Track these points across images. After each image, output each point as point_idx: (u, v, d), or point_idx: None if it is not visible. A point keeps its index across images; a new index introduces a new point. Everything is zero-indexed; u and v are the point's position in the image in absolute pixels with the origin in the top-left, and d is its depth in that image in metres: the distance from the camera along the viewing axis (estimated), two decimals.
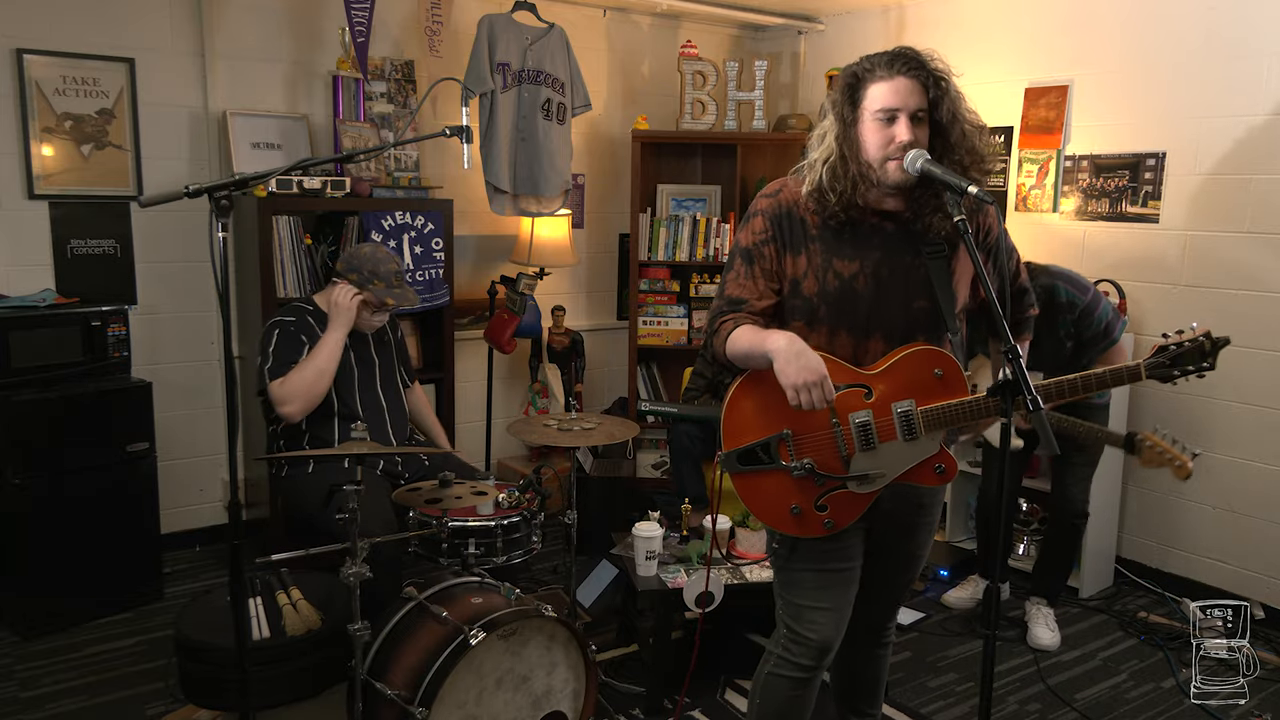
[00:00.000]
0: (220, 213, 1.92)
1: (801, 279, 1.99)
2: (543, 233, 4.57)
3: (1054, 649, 3.40)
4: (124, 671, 3.12)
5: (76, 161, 3.71)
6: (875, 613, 2.26)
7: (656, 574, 3.00)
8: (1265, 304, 3.54)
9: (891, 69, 1.88)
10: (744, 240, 2.05)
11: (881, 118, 1.88)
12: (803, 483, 1.99)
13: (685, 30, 5.19)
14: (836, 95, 1.94)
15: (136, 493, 3.51)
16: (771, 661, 2.15)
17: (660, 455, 4.75)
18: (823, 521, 2.01)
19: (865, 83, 1.90)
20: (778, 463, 1.99)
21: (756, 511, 2.06)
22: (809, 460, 1.97)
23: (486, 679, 2.38)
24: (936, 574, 3.93)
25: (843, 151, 1.90)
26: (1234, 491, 3.68)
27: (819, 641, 2.08)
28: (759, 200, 2.06)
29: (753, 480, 2.02)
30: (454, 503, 2.57)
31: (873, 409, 1.96)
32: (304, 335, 3.01)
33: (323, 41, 4.15)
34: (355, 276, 3.05)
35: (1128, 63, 3.88)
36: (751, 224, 2.04)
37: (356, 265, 3.06)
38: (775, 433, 1.99)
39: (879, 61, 1.90)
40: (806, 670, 2.10)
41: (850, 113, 1.92)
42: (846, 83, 1.93)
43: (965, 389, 1.96)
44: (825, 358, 1.90)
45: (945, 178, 1.82)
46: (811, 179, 1.96)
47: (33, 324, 3.34)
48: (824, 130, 1.96)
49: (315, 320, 3.07)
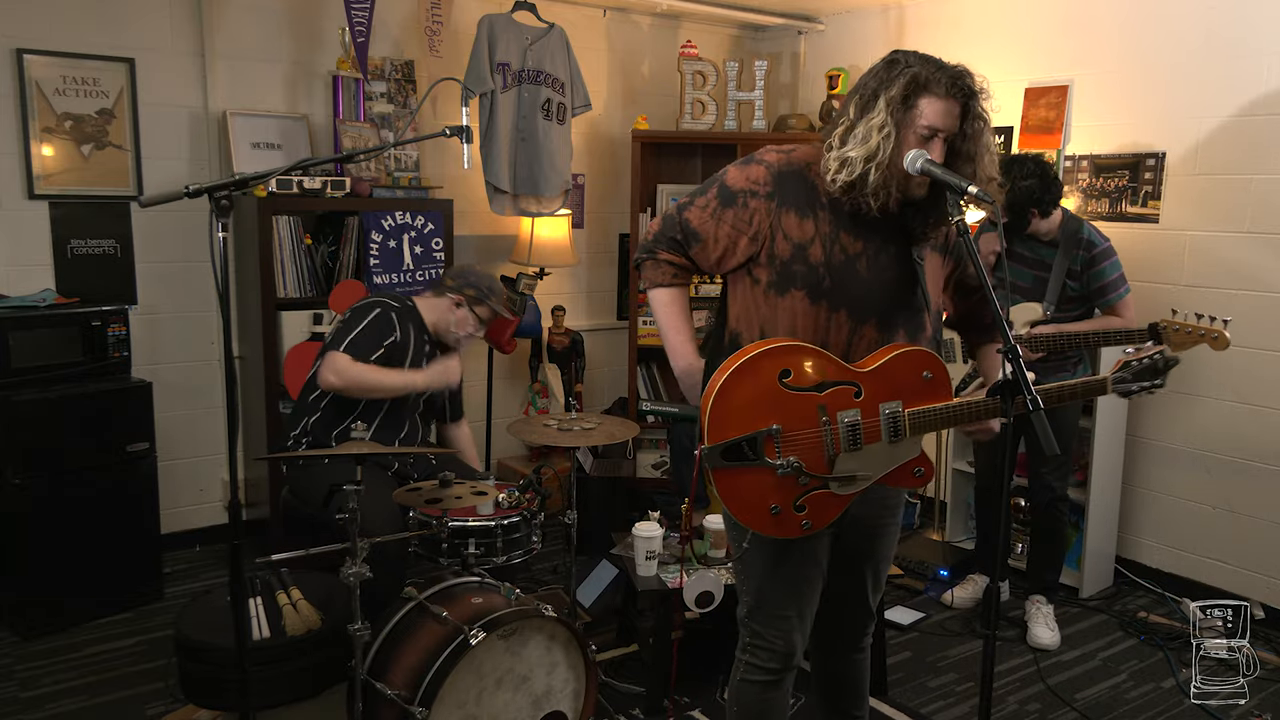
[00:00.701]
0: (220, 213, 1.92)
1: (808, 244, 1.92)
2: (543, 233, 4.57)
3: (1054, 648, 3.40)
4: (124, 671, 3.12)
5: (76, 161, 3.71)
6: (852, 618, 2.24)
7: (656, 574, 3.00)
8: (1265, 304, 3.54)
9: (950, 89, 1.82)
10: (734, 180, 1.95)
11: (926, 134, 1.84)
12: (784, 482, 1.90)
13: (685, 30, 5.19)
14: (895, 95, 1.83)
15: (136, 493, 3.51)
16: (741, 668, 2.13)
17: (660, 455, 4.75)
18: (801, 522, 1.94)
19: (924, 92, 1.83)
20: (763, 460, 1.88)
21: (735, 510, 1.94)
22: (796, 458, 1.89)
23: (486, 679, 2.38)
24: (936, 574, 3.93)
25: (893, 156, 1.83)
26: (1234, 491, 3.68)
27: (785, 648, 2.07)
28: (768, 151, 1.97)
29: (734, 476, 1.90)
30: (454, 503, 2.57)
31: (861, 409, 1.92)
32: (392, 334, 3.00)
33: (323, 41, 4.15)
34: (473, 292, 3.10)
35: (1128, 63, 3.88)
36: (750, 169, 1.95)
37: (474, 281, 3.11)
38: (764, 427, 1.88)
39: (942, 77, 1.83)
40: (776, 674, 2.10)
41: (902, 115, 1.84)
42: (907, 85, 1.83)
43: (950, 392, 1.96)
44: (818, 351, 1.89)
45: (946, 178, 1.81)
46: (849, 171, 1.85)
47: (33, 324, 3.34)
48: (872, 126, 1.83)
49: (412, 324, 3.07)
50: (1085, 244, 3.27)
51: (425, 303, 3.15)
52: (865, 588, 2.20)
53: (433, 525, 2.68)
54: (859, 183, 1.85)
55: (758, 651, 2.09)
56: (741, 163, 1.99)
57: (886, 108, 1.83)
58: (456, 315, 3.10)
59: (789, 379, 1.88)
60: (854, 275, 1.93)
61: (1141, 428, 3.92)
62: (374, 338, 2.97)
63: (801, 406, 1.88)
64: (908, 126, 1.84)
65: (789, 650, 2.08)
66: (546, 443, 2.81)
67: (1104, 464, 3.80)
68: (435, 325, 3.13)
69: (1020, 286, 3.36)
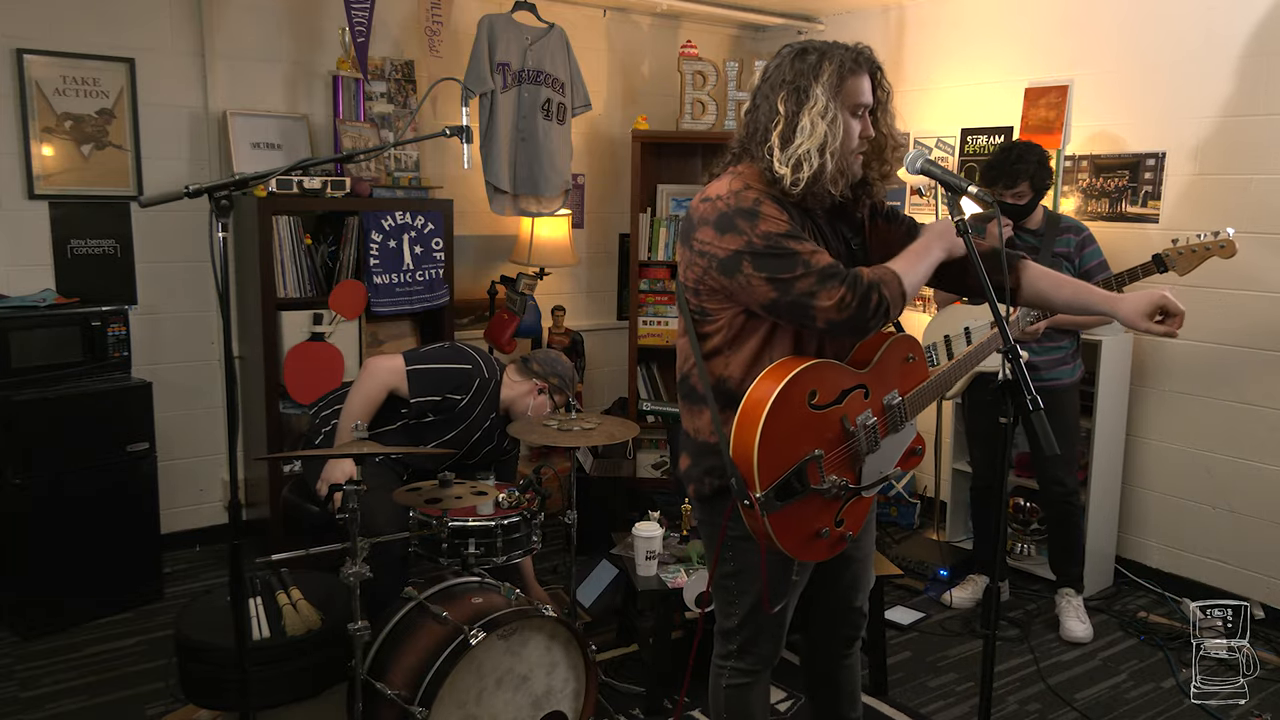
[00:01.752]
0: (220, 213, 1.92)
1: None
2: (543, 233, 4.57)
3: (1088, 640, 3.42)
4: (124, 671, 3.12)
5: (76, 161, 3.71)
6: (845, 620, 2.23)
7: (656, 574, 3.00)
8: (1265, 304, 3.54)
9: (868, 66, 1.88)
10: (771, 227, 1.80)
11: (857, 112, 1.87)
12: (824, 502, 1.88)
13: (685, 30, 5.19)
14: (829, 80, 1.82)
15: (136, 493, 3.51)
16: (726, 674, 2.12)
17: (660, 455, 4.75)
18: (844, 535, 1.94)
19: (849, 74, 1.85)
20: (808, 488, 1.83)
21: (791, 548, 1.86)
22: (838, 476, 1.87)
23: (486, 679, 2.38)
24: (936, 574, 3.93)
25: (843, 142, 1.84)
26: (1234, 491, 3.68)
27: (773, 653, 2.09)
28: (744, 194, 1.84)
29: (789, 515, 1.83)
30: (454, 503, 2.57)
31: (872, 407, 1.94)
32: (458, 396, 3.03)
33: (323, 41, 4.15)
34: (557, 381, 3.17)
35: (1127, 63, 3.88)
36: (763, 211, 1.82)
37: (559, 371, 3.18)
38: (805, 456, 1.83)
39: (857, 55, 1.86)
40: (760, 674, 2.11)
41: (839, 101, 1.84)
42: (839, 69, 1.83)
43: (926, 367, 2.02)
44: (827, 363, 1.88)
45: (945, 177, 1.82)
46: (809, 165, 1.80)
47: (33, 324, 3.34)
48: (816, 116, 1.81)
49: (486, 400, 3.11)
50: (1074, 228, 3.42)
51: (509, 381, 3.18)
52: (856, 587, 2.19)
53: (433, 525, 2.68)
54: (819, 174, 1.82)
55: (745, 658, 2.09)
56: (750, 220, 1.82)
57: (825, 94, 1.81)
58: (536, 401, 3.16)
59: (816, 399, 1.85)
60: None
61: (1141, 428, 3.92)
62: (437, 382, 3.01)
63: (830, 424, 1.87)
64: (842, 109, 1.85)
65: (775, 653, 2.10)
66: (546, 443, 2.81)
67: (1104, 464, 3.80)
68: (511, 402, 3.17)
69: None
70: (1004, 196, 3.33)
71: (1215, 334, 3.67)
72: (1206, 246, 2.72)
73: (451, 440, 3.09)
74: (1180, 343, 3.75)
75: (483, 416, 3.12)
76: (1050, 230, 3.41)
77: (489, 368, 3.13)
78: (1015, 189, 3.32)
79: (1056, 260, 3.36)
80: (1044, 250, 3.38)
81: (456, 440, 3.10)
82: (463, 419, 3.08)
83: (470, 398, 3.06)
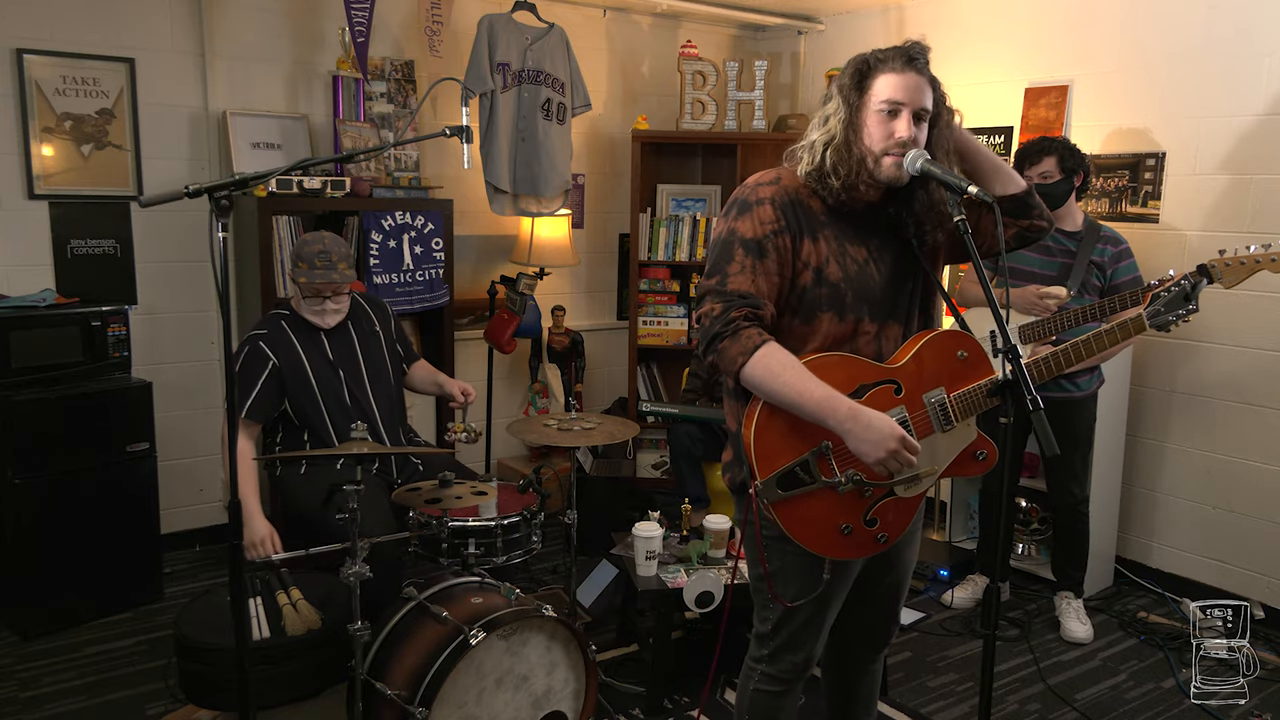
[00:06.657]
0: (220, 213, 1.91)
1: (825, 265, 1.88)
2: (543, 233, 4.57)
3: (1088, 641, 3.42)
4: (124, 671, 3.12)
5: (76, 161, 3.71)
6: (879, 629, 2.22)
7: (656, 574, 3.00)
8: (1265, 304, 3.54)
9: (904, 63, 1.84)
10: (747, 230, 1.86)
11: (885, 110, 1.84)
12: (849, 498, 1.85)
13: (685, 30, 5.19)
14: (844, 80, 1.88)
15: (136, 493, 3.51)
16: (756, 678, 2.11)
17: (660, 455, 4.75)
18: (875, 536, 1.90)
19: (875, 72, 1.86)
20: (819, 480, 1.82)
21: (804, 540, 1.85)
22: (854, 471, 1.83)
23: (486, 679, 2.38)
24: (936, 574, 3.93)
25: (847, 136, 1.85)
26: (1234, 491, 3.68)
27: (807, 661, 2.07)
28: (759, 189, 1.91)
29: (796, 505, 1.83)
30: (454, 503, 2.57)
31: (905, 404, 1.89)
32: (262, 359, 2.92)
33: (323, 41, 4.15)
34: (305, 265, 2.97)
35: (1127, 62, 3.88)
36: (756, 213, 1.87)
37: (302, 254, 2.97)
38: (813, 447, 1.82)
39: (893, 54, 1.86)
40: (792, 685, 2.10)
41: (856, 99, 1.86)
42: (856, 69, 1.87)
43: (991, 367, 1.91)
44: (846, 357, 1.87)
45: (945, 178, 1.81)
46: (811, 159, 1.89)
47: (33, 324, 3.34)
48: (828, 113, 1.89)
49: (289, 325, 3.01)
50: (1113, 239, 3.38)
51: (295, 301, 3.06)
52: (894, 596, 2.17)
53: (432, 525, 2.68)
54: (820, 166, 1.88)
55: (776, 664, 2.07)
56: (739, 212, 1.89)
57: (839, 94, 1.90)
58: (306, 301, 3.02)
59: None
60: (869, 280, 1.91)
61: (1141, 428, 3.92)
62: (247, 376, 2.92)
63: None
64: (865, 108, 1.86)
65: (810, 662, 2.08)
66: (546, 443, 2.81)
67: (1104, 464, 3.80)
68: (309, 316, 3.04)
69: (1047, 276, 3.38)
70: (1031, 176, 3.31)
71: (1215, 334, 3.67)
72: (1257, 259, 2.66)
73: (326, 388, 2.99)
74: (1180, 343, 3.75)
75: (307, 349, 2.99)
76: (1089, 236, 3.36)
77: (268, 317, 3.02)
78: (1039, 166, 3.31)
79: (1090, 267, 3.33)
80: (1080, 256, 3.33)
81: (327, 383, 2.99)
82: (296, 368, 2.96)
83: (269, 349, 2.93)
